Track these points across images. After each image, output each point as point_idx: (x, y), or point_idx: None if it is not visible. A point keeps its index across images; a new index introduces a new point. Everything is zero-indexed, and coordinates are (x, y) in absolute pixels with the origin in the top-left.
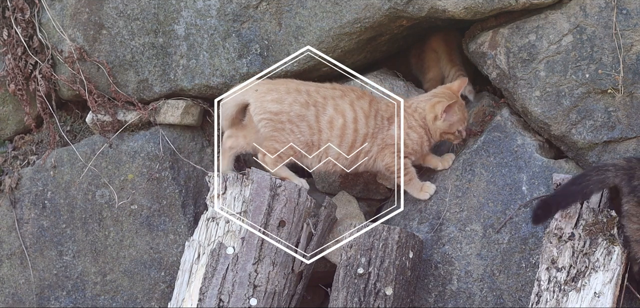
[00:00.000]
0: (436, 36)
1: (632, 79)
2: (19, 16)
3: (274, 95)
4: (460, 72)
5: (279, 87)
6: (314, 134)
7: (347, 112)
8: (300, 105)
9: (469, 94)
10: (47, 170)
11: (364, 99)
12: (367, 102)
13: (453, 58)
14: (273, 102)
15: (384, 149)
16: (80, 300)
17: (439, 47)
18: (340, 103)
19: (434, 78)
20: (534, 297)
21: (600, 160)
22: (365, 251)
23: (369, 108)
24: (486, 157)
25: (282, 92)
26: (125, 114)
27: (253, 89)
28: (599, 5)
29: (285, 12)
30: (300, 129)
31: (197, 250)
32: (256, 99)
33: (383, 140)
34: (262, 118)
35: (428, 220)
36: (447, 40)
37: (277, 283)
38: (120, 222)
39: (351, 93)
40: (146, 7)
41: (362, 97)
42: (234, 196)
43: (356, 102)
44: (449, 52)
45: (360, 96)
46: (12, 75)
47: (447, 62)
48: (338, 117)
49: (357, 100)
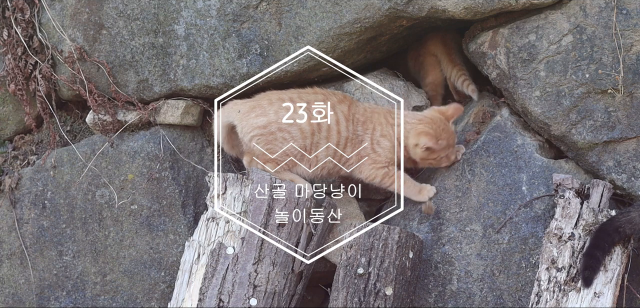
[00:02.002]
0: (433, 39)
1: (632, 79)
2: (19, 16)
3: (257, 111)
4: (462, 72)
5: (260, 102)
6: (307, 137)
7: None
8: (286, 111)
9: (472, 93)
10: (47, 170)
11: (344, 103)
12: (347, 106)
13: (453, 58)
14: (258, 116)
15: (361, 159)
16: (80, 300)
17: (437, 49)
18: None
19: (434, 82)
20: (534, 297)
21: (600, 161)
22: (365, 251)
23: (348, 112)
24: (486, 157)
25: (264, 105)
26: (125, 114)
27: (235, 111)
28: (599, 5)
29: (285, 12)
30: (291, 134)
31: (197, 250)
32: (241, 120)
33: (358, 152)
34: (252, 135)
35: (428, 220)
36: (445, 41)
37: (277, 283)
38: (120, 222)
39: (332, 97)
40: (146, 7)
41: (342, 101)
42: (234, 196)
43: (337, 105)
44: (448, 53)
45: (340, 100)
46: (12, 75)
47: (448, 63)
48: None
49: (338, 103)
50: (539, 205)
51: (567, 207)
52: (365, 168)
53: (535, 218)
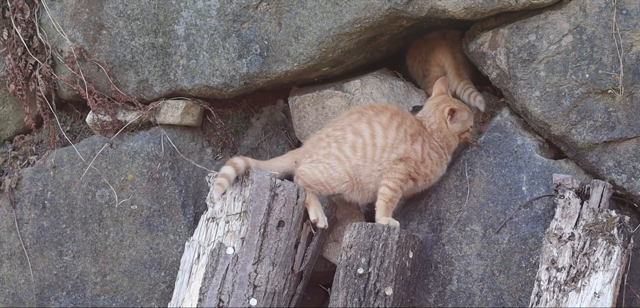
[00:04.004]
0: (442, 49)
1: (632, 79)
2: (19, 16)
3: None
4: (469, 85)
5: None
6: (343, 162)
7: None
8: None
9: (479, 104)
10: (47, 170)
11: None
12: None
13: (460, 72)
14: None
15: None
16: (80, 300)
17: (445, 60)
18: (356, 125)
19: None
20: (534, 297)
21: (600, 161)
22: (365, 251)
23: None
24: (486, 157)
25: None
26: (125, 114)
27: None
28: (599, 5)
29: (285, 12)
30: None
31: (197, 250)
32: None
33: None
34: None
35: (428, 220)
36: (454, 53)
37: (277, 283)
38: (120, 222)
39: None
40: (146, 7)
41: (382, 112)
42: (234, 196)
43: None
44: (456, 67)
45: (379, 111)
46: (12, 75)
47: (456, 77)
48: (357, 139)
49: (375, 115)
50: (539, 205)
51: (567, 207)
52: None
53: (535, 218)
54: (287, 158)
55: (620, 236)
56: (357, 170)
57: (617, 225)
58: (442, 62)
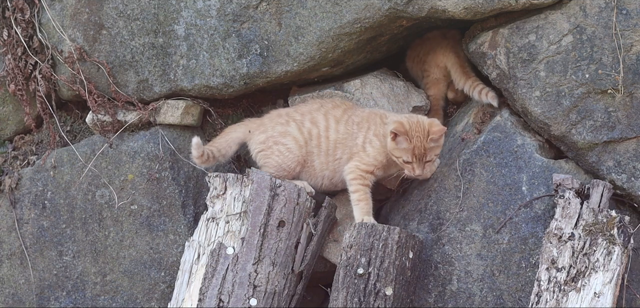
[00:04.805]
0: (444, 49)
1: (632, 79)
2: (19, 16)
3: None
4: (477, 82)
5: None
6: (302, 147)
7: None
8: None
9: (492, 100)
10: (47, 170)
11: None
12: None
13: (466, 70)
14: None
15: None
16: (80, 300)
17: (448, 60)
18: (315, 115)
19: (435, 95)
20: (534, 297)
21: (600, 161)
22: (365, 251)
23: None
24: (486, 157)
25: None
26: (125, 114)
27: (246, 130)
28: (599, 5)
29: (285, 12)
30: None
31: (197, 250)
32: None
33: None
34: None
35: (428, 220)
36: (457, 52)
37: (277, 283)
38: (120, 222)
39: (327, 103)
40: (146, 7)
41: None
42: (234, 196)
43: (330, 111)
44: (461, 65)
45: (335, 105)
46: (12, 75)
47: (462, 75)
48: (313, 128)
49: (331, 109)
50: (539, 205)
51: (567, 207)
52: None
53: (535, 218)
54: (241, 127)
55: (620, 236)
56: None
57: (617, 225)
58: (443, 63)
